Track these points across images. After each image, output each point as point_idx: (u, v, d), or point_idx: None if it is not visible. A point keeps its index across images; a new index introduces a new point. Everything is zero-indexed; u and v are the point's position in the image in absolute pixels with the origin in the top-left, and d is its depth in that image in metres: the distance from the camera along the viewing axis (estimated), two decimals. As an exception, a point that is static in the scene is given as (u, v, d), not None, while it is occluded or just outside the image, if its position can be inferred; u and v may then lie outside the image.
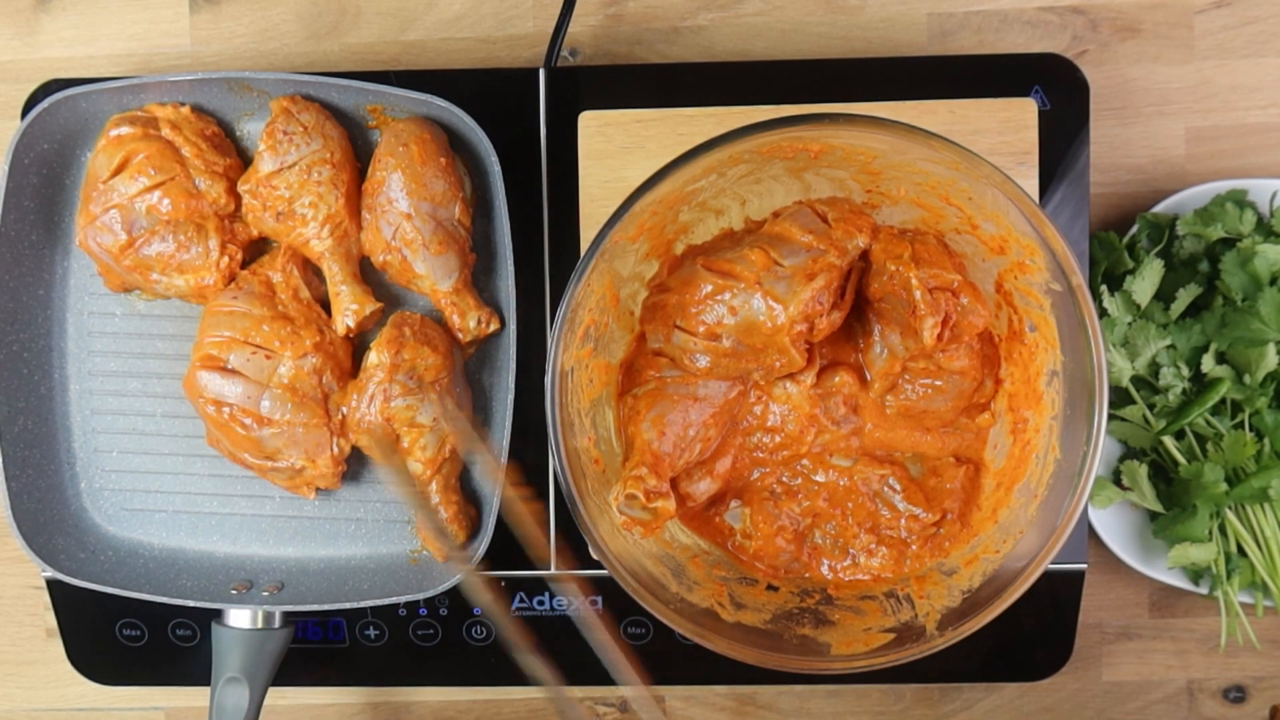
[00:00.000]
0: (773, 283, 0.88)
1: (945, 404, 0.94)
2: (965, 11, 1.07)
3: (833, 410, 0.95)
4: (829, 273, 0.88)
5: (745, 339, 0.89)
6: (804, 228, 0.89)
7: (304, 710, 1.14)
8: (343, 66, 1.11)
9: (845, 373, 0.94)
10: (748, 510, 0.96)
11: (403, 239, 0.98)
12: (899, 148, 0.83)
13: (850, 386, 0.95)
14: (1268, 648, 1.09)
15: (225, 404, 0.97)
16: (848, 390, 0.95)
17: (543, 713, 1.13)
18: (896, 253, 0.90)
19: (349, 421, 0.99)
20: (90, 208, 0.99)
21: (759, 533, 0.96)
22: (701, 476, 0.95)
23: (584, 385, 0.89)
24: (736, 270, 0.89)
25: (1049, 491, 0.85)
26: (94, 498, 1.05)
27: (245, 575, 1.04)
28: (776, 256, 0.89)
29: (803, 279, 0.88)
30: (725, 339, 0.90)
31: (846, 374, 0.94)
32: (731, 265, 0.89)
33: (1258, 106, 1.07)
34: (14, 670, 1.16)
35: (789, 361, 0.90)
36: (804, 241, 0.89)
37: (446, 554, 0.98)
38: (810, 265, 0.88)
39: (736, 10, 1.08)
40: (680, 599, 0.88)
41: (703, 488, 0.95)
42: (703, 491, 0.95)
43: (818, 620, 0.90)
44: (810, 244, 0.88)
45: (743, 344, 0.89)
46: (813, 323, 0.88)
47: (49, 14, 1.11)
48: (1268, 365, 0.99)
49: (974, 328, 0.91)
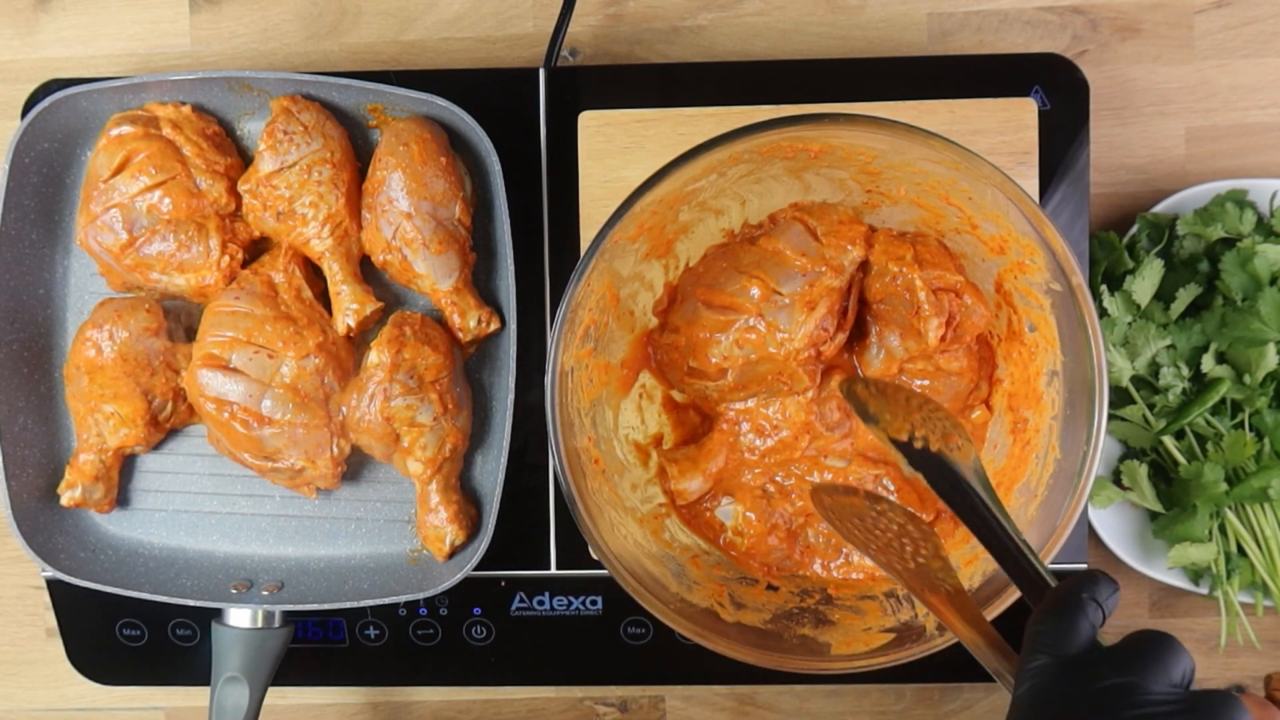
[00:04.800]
0: (775, 313, 0.89)
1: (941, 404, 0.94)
2: (965, 11, 1.07)
3: (827, 416, 0.95)
4: (830, 297, 0.88)
5: (754, 369, 0.90)
6: (797, 249, 0.90)
7: (304, 710, 1.14)
8: (343, 66, 1.11)
9: (840, 376, 0.94)
10: (740, 508, 0.96)
11: (403, 238, 0.98)
12: (899, 147, 0.83)
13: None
14: (1268, 648, 1.09)
15: (227, 403, 0.97)
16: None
17: (543, 713, 1.13)
18: (899, 254, 0.90)
19: (349, 421, 0.99)
20: (91, 207, 0.99)
21: (751, 530, 0.96)
22: (693, 476, 0.95)
23: (584, 385, 0.90)
24: (738, 303, 0.89)
25: (1049, 491, 0.85)
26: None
27: (245, 575, 1.04)
28: (774, 285, 0.89)
29: (804, 307, 0.88)
30: (731, 373, 0.90)
31: (841, 377, 0.94)
32: (732, 299, 0.90)
33: (1258, 106, 1.07)
34: (14, 670, 1.16)
35: (797, 386, 0.90)
36: (799, 265, 0.89)
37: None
38: (809, 291, 0.89)
39: (736, 10, 1.08)
40: (680, 599, 0.88)
41: (694, 487, 0.95)
42: (694, 491, 0.95)
43: (818, 620, 0.90)
44: (805, 267, 0.89)
45: (751, 373, 0.90)
46: (819, 349, 0.89)
47: (49, 14, 1.11)
48: (1268, 365, 0.99)
49: (976, 328, 0.91)
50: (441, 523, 1.00)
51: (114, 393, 0.99)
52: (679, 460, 0.96)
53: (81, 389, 1.00)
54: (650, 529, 0.93)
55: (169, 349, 1.00)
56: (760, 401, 0.94)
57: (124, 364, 0.98)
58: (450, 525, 1.00)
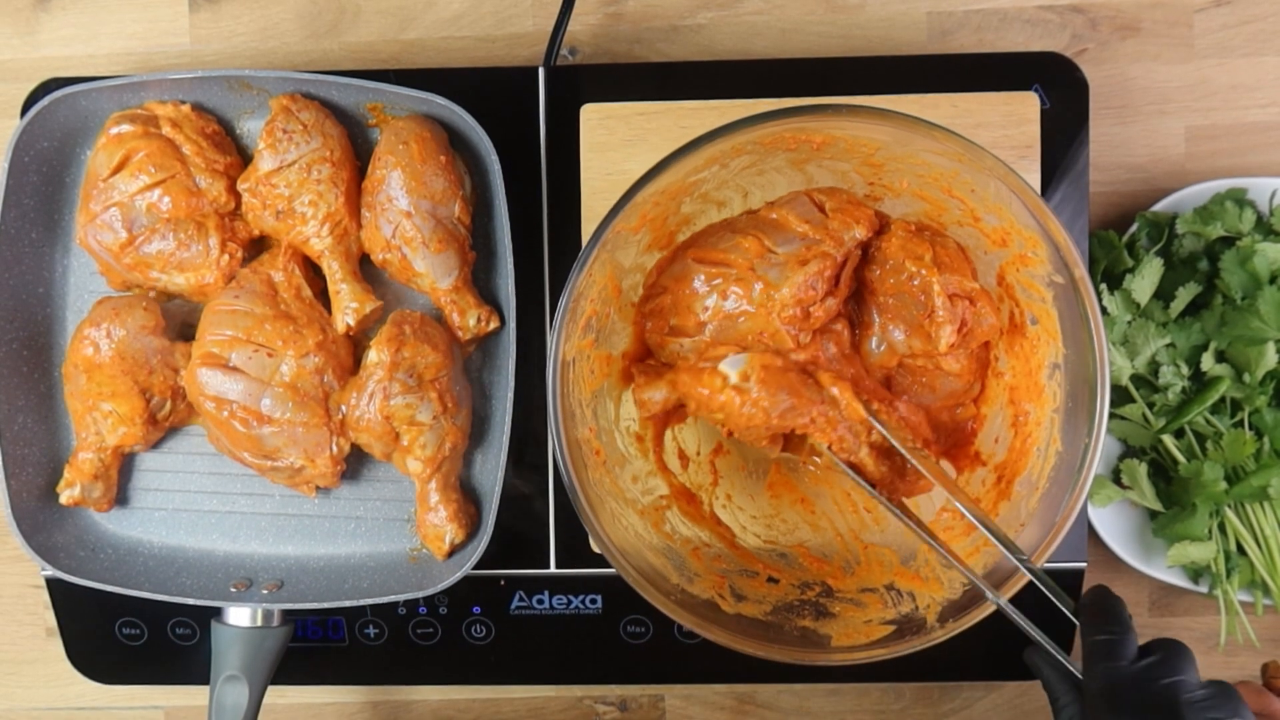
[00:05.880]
0: (766, 269, 0.88)
1: (933, 400, 0.94)
2: (965, 10, 1.08)
3: (824, 350, 0.93)
4: (823, 260, 0.88)
5: (735, 324, 0.89)
6: (801, 217, 0.89)
7: (304, 709, 1.14)
8: (342, 65, 1.11)
9: (840, 324, 0.93)
10: (751, 356, 0.89)
11: (403, 237, 0.98)
12: (902, 139, 0.83)
13: (842, 337, 0.93)
14: (1267, 647, 1.09)
15: (226, 402, 0.97)
16: (840, 341, 0.92)
17: (543, 712, 1.12)
18: (918, 253, 0.89)
19: (349, 420, 0.98)
20: (90, 206, 0.99)
21: (758, 378, 0.89)
22: (658, 385, 0.93)
23: (585, 376, 0.89)
24: (730, 258, 0.89)
25: (1050, 484, 0.85)
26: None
27: (245, 573, 1.04)
28: (770, 244, 0.88)
29: (795, 264, 0.88)
30: (710, 328, 0.89)
31: (841, 326, 0.93)
32: (724, 254, 0.89)
33: (1257, 105, 1.07)
34: (14, 670, 1.15)
35: (780, 345, 0.89)
36: (800, 231, 0.89)
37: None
38: (804, 253, 0.88)
39: (736, 9, 1.09)
40: (681, 590, 0.88)
41: (658, 396, 0.92)
42: (657, 401, 0.93)
43: (818, 612, 0.90)
44: (806, 234, 0.88)
45: (731, 329, 0.89)
46: (807, 309, 0.88)
47: (49, 13, 1.12)
48: (1267, 364, 1.00)
49: (985, 335, 0.91)
50: (441, 521, 1.00)
51: (112, 391, 0.99)
52: (645, 371, 0.94)
53: (80, 387, 1.00)
54: (651, 521, 0.93)
55: (167, 347, 1.00)
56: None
57: (122, 362, 0.98)
58: (450, 524, 1.00)
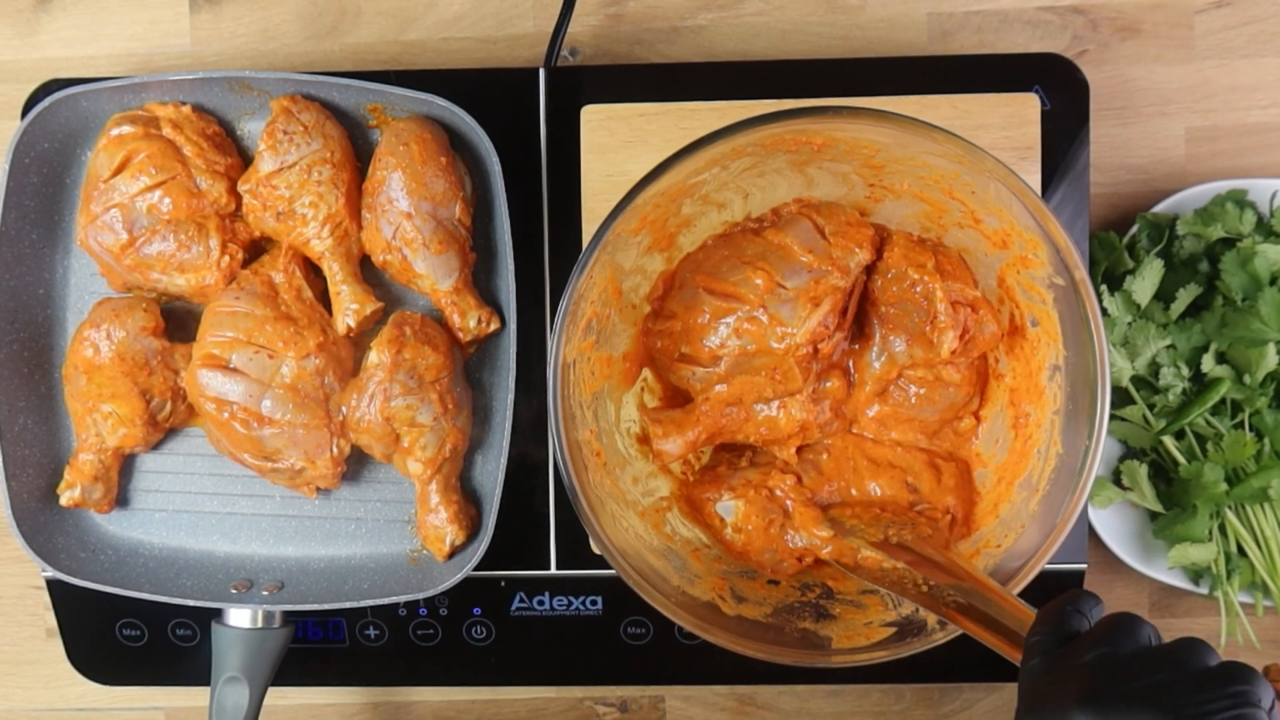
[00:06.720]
0: (777, 306, 0.89)
1: (933, 414, 0.94)
2: (965, 11, 1.08)
3: (819, 415, 0.94)
4: (834, 295, 0.88)
5: (750, 360, 0.89)
6: (804, 245, 0.90)
7: (304, 710, 1.14)
8: (343, 66, 1.11)
9: (835, 377, 0.94)
10: (741, 503, 0.95)
11: (403, 238, 0.98)
12: (902, 141, 0.83)
13: (839, 392, 0.94)
14: (1268, 648, 1.09)
15: (227, 403, 0.97)
16: (835, 396, 0.94)
17: (544, 713, 1.12)
18: (920, 261, 0.90)
19: (349, 421, 0.98)
20: (91, 207, 0.99)
21: (750, 526, 0.94)
22: (674, 437, 0.92)
23: (586, 378, 0.89)
24: (740, 293, 0.89)
25: (1051, 486, 0.85)
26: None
27: (245, 575, 1.04)
28: (779, 278, 0.89)
29: (807, 303, 0.88)
30: (724, 362, 0.90)
31: (836, 378, 0.94)
32: (735, 288, 0.89)
33: (1258, 106, 1.07)
34: (14, 670, 1.15)
35: (791, 383, 0.90)
36: (804, 261, 0.89)
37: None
38: (814, 288, 0.88)
39: (736, 10, 1.09)
40: (681, 592, 0.88)
41: (673, 448, 0.93)
42: (673, 453, 0.93)
43: (819, 614, 0.90)
44: (811, 264, 0.89)
45: (745, 365, 0.90)
46: (817, 346, 0.89)
47: (49, 14, 1.12)
48: (1268, 365, 1.00)
49: (987, 344, 0.91)
50: (441, 523, 1.00)
51: (112, 392, 0.99)
52: (662, 421, 0.94)
53: (80, 389, 1.00)
54: (651, 522, 0.93)
55: (167, 349, 1.00)
56: (753, 393, 0.93)
57: (121, 364, 0.98)
58: (450, 525, 1.00)
